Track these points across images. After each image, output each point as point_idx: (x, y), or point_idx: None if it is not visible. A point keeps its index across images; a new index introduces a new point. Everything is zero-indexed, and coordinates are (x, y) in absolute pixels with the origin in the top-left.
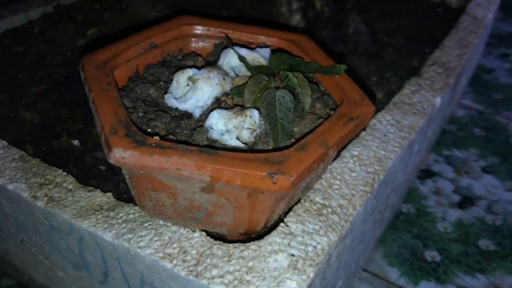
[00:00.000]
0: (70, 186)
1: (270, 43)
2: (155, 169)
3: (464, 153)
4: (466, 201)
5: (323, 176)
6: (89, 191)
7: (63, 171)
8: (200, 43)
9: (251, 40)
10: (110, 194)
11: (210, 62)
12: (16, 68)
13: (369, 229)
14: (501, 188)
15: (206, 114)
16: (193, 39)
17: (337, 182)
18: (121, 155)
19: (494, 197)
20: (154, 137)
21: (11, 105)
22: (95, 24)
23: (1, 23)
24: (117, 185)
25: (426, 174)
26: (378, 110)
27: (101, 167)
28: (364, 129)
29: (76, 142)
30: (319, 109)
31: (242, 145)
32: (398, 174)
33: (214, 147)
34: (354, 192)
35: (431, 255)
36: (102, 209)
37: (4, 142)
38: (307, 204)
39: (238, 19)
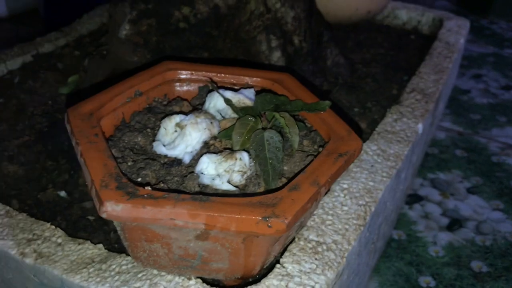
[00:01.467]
0: (59, 240)
1: (254, 83)
2: (149, 221)
3: (448, 175)
4: (455, 223)
5: (315, 212)
6: (79, 243)
7: (51, 224)
8: (184, 87)
9: (235, 81)
10: (101, 245)
11: (195, 105)
12: None
13: (364, 261)
14: (487, 208)
15: (195, 159)
16: (177, 83)
17: (330, 217)
18: (114, 208)
19: (481, 217)
20: (146, 187)
21: None
22: (76, 71)
23: None
24: (107, 235)
25: (413, 198)
26: (363, 140)
27: (90, 217)
28: None
29: (62, 193)
30: (307, 146)
31: (233, 189)
32: (388, 203)
33: (206, 194)
34: (347, 226)
35: (425, 280)
36: (93, 261)
37: None
38: (301, 243)
39: (220, 61)
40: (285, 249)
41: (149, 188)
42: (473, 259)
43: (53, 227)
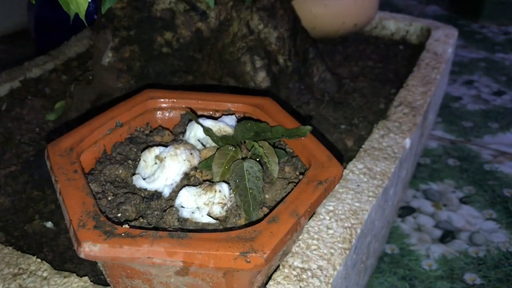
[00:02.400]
0: (45, 274)
1: (235, 109)
2: (127, 260)
3: (441, 186)
4: (448, 235)
5: (300, 237)
6: (64, 276)
7: (37, 257)
8: (166, 114)
9: (216, 108)
10: (86, 278)
11: (177, 133)
12: None
13: (352, 283)
14: (480, 217)
15: (176, 191)
16: (159, 112)
17: (315, 242)
18: (91, 249)
19: (474, 228)
20: (124, 225)
21: None
22: (63, 97)
23: None
24: (93, 266)
25: (406, 211)
26: (349, 158)
27: None
28: None
29: (49, 224)
30: (288, 173)
31: (213, 221)
32: (376, 222)
33: (184, 229)
34: (332, 250)
35: None
36: None
37: None
38: (286, 270)
39: (203, 87)
40: (269, 278)
41: (127, 226)
42: (466, 271)
43: (39, 260)
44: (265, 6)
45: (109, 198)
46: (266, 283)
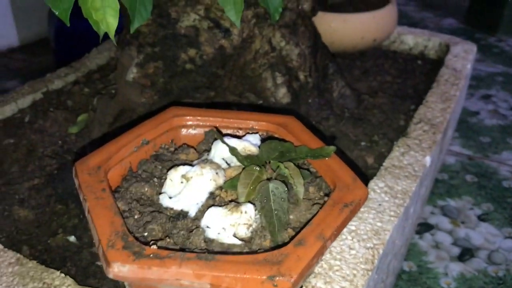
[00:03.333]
0: None
1: (259, 128)
2: (155, 281)
3: (459, 202)
4: (466, 253)
5: (323, 258)
6: None
7: (61, 272)
8: (190, 131)
9: (240, 126)
10: None
11: (202, 151)
12: (8, 162)
13: None
14: (499, 236)
15: (202, 211)
16: (183, 129)
17: (338, 262)
18: (120, 269)
19: (493, 246)
20: (152, 246)
21: (5, 203)
22: (85, 109)
23: None
24: (116, 282)
25: (423, 227)
26: (370, 176)
27: (99, 263)
28: None
29: (72, 238)
30: (313, 193)
31: (239, 242)
32: (397, 241)
33: (211, 252)
34: (355, 272)
35: None
36: None
37: (0, 245)
38: None
39: (225, 104)
40: None
41: (155, 246)
42: None
43: (63, 275)
44: (287, 23)
45: (136, 217)
46: None
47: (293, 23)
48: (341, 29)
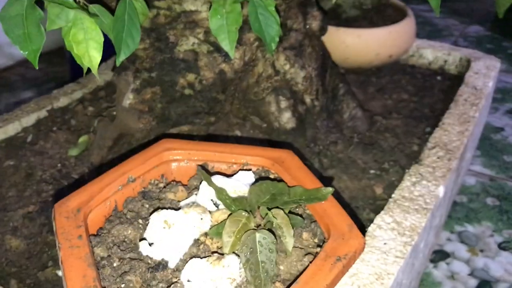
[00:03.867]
0: None
1: (253, 163)
2: None
3: (478, 228)
4: (484, 285)
5: None
6: None
7: None
8: (182, 165)
9: (234, 161)
10: None
11: (192, 189)
12: (6, 186)
13: None
14: None
15: (184, 260)
16: (174, 163)
17: None
18: None
19: None
20: None
21: None
22: (87, 130)
23: None
24: None
25: (439, 255)
26: (377, 208)
27: None
28: None
29: (61, 273)
30: (306, 240)
31: None
32: (404, 280)
33: None
34: None
35: None
36: None
37: None
38: None
39: (222, 138)
40: None
41: None
42: None
43: None
44: (293, 45)
45: (115, 265)
46: None
47: (299, 44)
48: (355, 45)
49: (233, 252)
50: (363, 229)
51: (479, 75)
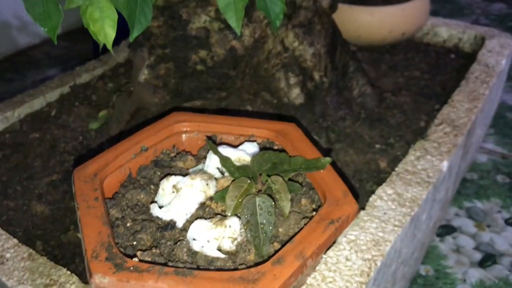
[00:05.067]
0: (72, 287)
1: (259, 135)
2: None
3: (486, 204)
4: (488, 259)
5: (317, 268)
6: None
7: (68, 269)
8: (192, 135)
9: (240, 133)
10: None
11: (201, 158)
12: (32, 156)
13: None
14: None
15: (190, 221)
16: (184, 134)
17: (331, 274)
18: (101, 281)
19: None
20: (134, 258)
21: (25, 197)
22: (107, 105)
23: (21, 109)
24: None
25: (445, 230)
26: (380, 181)
27: None
28: (363, 208)
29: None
30: (304, 206)
31: (223, 256)
32: (403, 249)
33: (193, 264)
34: (348, 284)
35: None
36: None
37: (15, 240)
38: None
39: (231, 111)
40: None
41: (136, 259)
42: None
43: (69, 272)
44: (302, 22)
45: (128, 225)
46: None
47: (308, 22)
48: (368, 22)
49: (235, 215)
50: (365, 200)
51: (492, 53)
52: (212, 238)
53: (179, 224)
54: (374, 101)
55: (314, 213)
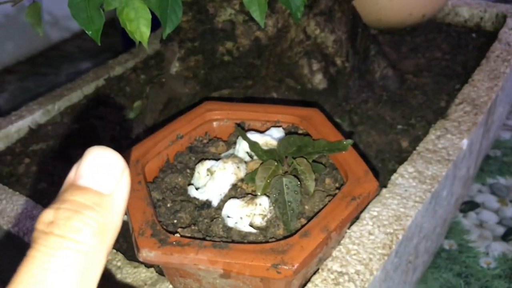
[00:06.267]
0: (119, 263)
1: (284, 120)
2: (176, 265)
3: (509, 180)
4: (511, 232)
5: (342, 242)
6: (134, 267)
7: (113, 247)
8: (222, 123)
9: (267, 119)
10: (152, 269)
11: (231, 143)
12: (74, 147)
13: (397, 283)
14: None
15: (224, 201)
16: (215, 122)
17: (355, 247)
18: (148, 255)
19: None
20: (176, 234)
21: None
22: (140, 96)
23: (61, 102)
24: None
25: (469, 206)
26: (403, 161)
27: None
28: (385, 186)
29: (125, 217)
30: (328, 185)
31: (254, 231)
32: (424, 224)
33: (228, 240)
34: (371, 256)
35: None
36: (145, 284)
37: None
38: (324, 274)
39: (258, 99)
40: (309, 280)
41: (178, 235)
42: None
43: (114, 251)
44: (322, 10)
45: (168, 205)
46: (305, 284)
47: (329, 10)
48: (388, 5)
49: (264, 194)
50: (387, 179)
51: None
52: (244, 215)
53: (214, 203)
54: (395, 83)
55: (337, 191)
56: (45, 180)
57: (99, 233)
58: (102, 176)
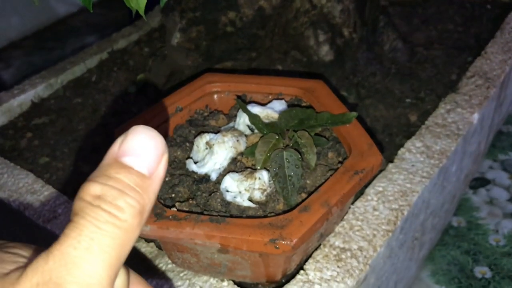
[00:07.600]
0: None
1: (287, 93)
2: (173, 239)
3: None
4: None
5: (345, 217)
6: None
7: None
8: (223, 95)
9: (269, 91)
10: (152, 244)
11: (232, 116)
12: (76, 120)
13: (402, 259)
14: None
15: (223, 175)
16: (216, 94)
17: (359, 223)
18: (143, 229)
19: None
20: (173, 208)
21: (72, 158)
22: (144, 69)
23: (64, 76)
24: None
25: (479, 182)
26: (411, 136)
27: None
28: (391, 161)
29: None
30: (331, 159)
31: (253, 205)
32: (432, 200)
33: (227, 213)
34: (375, 232)
35: (481, 271)
36: (146, 259)
37: (65, 197)
38: (326, 250)
39: (261, 71)
40: (310, 256)
41: (174, 209)
42: None
43: None
44: None
45: (166, 179)
46: (306, 260)
47: None
48: None
49: (264, 168)
50: (394, 154)
51: None
52: (244, 190)
53: (213, 177)
54: (405, 56)
55: (340, 165)
56: (47, 155)
57: (139, 213)
58: (146, 158)
